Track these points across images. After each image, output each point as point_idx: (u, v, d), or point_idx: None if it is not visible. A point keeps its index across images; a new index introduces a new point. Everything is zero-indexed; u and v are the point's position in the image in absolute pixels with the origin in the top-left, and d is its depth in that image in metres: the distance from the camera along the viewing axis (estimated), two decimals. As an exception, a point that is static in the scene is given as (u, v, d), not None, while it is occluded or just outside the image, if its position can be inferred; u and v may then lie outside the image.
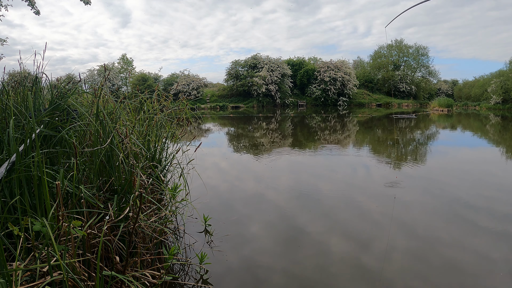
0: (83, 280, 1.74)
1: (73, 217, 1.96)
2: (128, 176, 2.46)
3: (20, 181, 1.92)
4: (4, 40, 11.44)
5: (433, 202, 4.44)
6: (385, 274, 2.67)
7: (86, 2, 9.22)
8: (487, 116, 24.46)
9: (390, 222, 3.74)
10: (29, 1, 8.87)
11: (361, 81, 44.73)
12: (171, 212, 3.03)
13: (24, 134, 2.25)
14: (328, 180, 5.81)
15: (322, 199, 4.61)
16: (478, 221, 3.76)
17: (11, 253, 1.89)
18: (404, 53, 46.90)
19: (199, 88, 39.95)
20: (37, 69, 2.98)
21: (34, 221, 1.63)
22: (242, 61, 40.97)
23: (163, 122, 3.56)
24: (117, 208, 2.25)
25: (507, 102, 33.51)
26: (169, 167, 3.49)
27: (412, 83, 45.28)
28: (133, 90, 3.73)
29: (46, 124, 2.42)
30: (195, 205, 3.64)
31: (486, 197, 4.65)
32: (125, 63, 43.91)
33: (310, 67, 41.41)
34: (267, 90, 37.78)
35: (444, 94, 51.07)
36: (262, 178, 5.83)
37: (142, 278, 2.01)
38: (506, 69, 35.72)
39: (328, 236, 3.42)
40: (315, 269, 2.76)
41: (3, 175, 1.75)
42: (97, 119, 2.45)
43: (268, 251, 3.09)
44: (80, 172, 2.40)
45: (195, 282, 2.55)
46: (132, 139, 2.66)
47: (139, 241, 2.31)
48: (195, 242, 3.22)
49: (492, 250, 3.06)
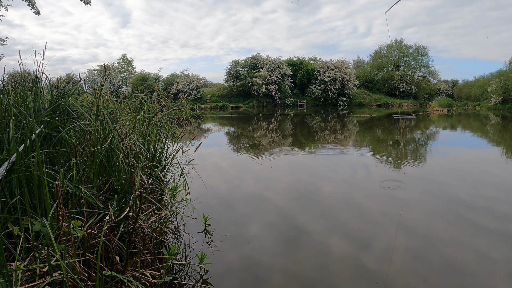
0: (83, 280, 1.74)
1: (73, 217, 1.96)
2: (128, 176, 2.46)
3: (20, 181, 1.92)
4: (4, 40, 11.44)
5: (433, 202, 4.44)
6: (385, 274, 2.67)
7: (86, 2, 9.22)
8: (487, 116, 24.46)
9: (390, 222, 3.74)
10: (29, 1, 8.87)
11: (361, 81, 44.73)
12: (171, 212, 3.03)
13: (24, 134, 2.25)
14: (328, 180, 5.81)
15: (322, 199, 4.61)
16: (478, 221, 3.75)
17: (11, 253, 1.89)
18: (404, 53, 46.88)
19: (199, 88, 39.93)
20: (37, 69, 2.98)
21: (34, 221, 1.63)
22: (242, 61, 40.99)
23: (163, 122, 3.56)
24: (117, 208, 2.25)
25: (507, 102, 33.50)
26: (169, 167, 3.49)
27: (412, 83, 45.28)
28: (133, 90, 3.73)
29: (46, 124, 2.42)
30: (195, 205, 3.64)
31: (486, 197, 4.65)
32: (125, 63, 43.91)
33: (310, 67, 41.41)
34: (267, 90, 37.78)
35: (444, 94, 51.08)
36: (262, 178, 5.83)
37: (142, 278, 2.02)
38: (506, 69, 35.72)
39: (328, 236, 3.42)
40: (315, 268, 2.76)
41: (3, 175, 1.75)
42: (97, 119, 2.45)
43: (268, 251, 3.09)
44: (80, 172, 2.40)
45: (195, 282, 2.55)
46: (132, 139, 2.66)
47: (139, 241, 2.31)
48: (195, 242, 3.22)
49: (492, 250, 3.06)
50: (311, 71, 41.00)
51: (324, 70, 40.03)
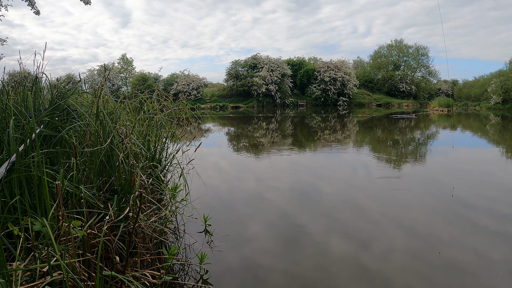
0: (83, 280, 1.74)
1: (73, 217, 1.96)
2: (128, 176, 2.46)
3: (20, 181, 1.92)
4: (4, 40, 11.44)
5: (433, 201, 4.43)
6: (385, 274, 2.67)
7: (86, 2, 9.21)
8: (487, 116, 24.45)
9: (390, 222, 3.73)
10: (29, 1, 8.87)
11: (361, 81, 44.71)
12: (171, 212, 3.03)
13: (24, 134, 2.25)
14: (328, 180, 5.80)
15: (322, 199, 4.61)
16: (478, 221, 3.75)
17: (11, 253, 1.89)
18: (404, 53, 46.88)
19: (199, 88, 39.92)
20: (37, 69, 2.98)
21: (34, 221, 1.63)
22: (242, 61, 40.97)
23: (163, 122, 3.56)
24: (117, 208, 2.25)
25: (507, 102, 33.48)
26: (169, 167, 3.49)
27: (412, 83, 45.26)
28: (133, 90, 3.73)
29: (46, 124, 2.42)
30: (195, 205, 3.64)
31: (486, 197, 4.65)
32: (125, 63, 43.92)
33: (310, 67, 41.39)
34: (267, 90, 37.77)
35: (444, 94, 51.02)
36: (262, 178, 5.83)
37: (142, 278, 2.02)
38: (506, 69, 35.69)
39: (328, 236, 3.42)
40: (315, 268, 2.76)
41: (3, 175, 1.75)
42: (97, 119, 2.45)
43: (268, 251, 3.09)
44: (80, 172, 2.40)
45: (195, 282, 2.55)
46: (132, 139, 2.66)
47: (139, 241, 2.31)
48: (195, 242, 3.22)
49: (492, 250, 3.06)
50: (311, 71, 40.99)
51: (324, 70, 40.01)
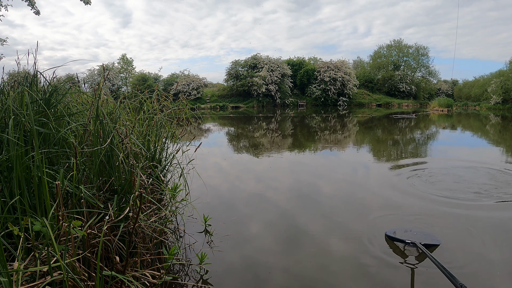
0: (83, 280, 1.73)
1: (73, 217, 1.95)
2: (128, 176, 2.46)
3: (20, 181, 1.92)
4: (4, 40, 11.44)
5: (433, 201, 4.43)
6: (385, 273, 2.67)
7: (86, 2, 9.21)
8: (487, 116, 24.45)
9: (391, 222, 3.73)
10: (29, 1, 8.87)
11: (361, 81, 44.69)
12: (171, 212, 3.03)
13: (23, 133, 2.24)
14: (328, 179, 5.80)
15: (322, 198, 4.61)
16: (478, 220, 3.75)
17: (11, 253, 1.89)
18: (404, 53, 46.86)
19: (199, 88, 39.88)
20: (34, 68, 2.97)
21: (34, 221, 1.63)
22: (242, 61, 40.95)
23: (163, 122, 3.56)
24: (117, 208, 2.25)
25: (507, 102, 33.48)
26: (169, 167, 3.49)
27: (412, 83, 45.25)
28: (133, 90, 3.73)
29: (43, 124, 2.42)
30: (195, 205, 3.64)
31: (486, 197, 4.64)
32: (125, 63, 43.89)
33: (310, 67, 41.37)
34: (267, 90, 37.75)
35: (444, 94, 51.02)
36: (262, 178, 5.83)
37: (142, 278, 2.01)
38: (506, 69, 35.68)
39: (328, 235, 3.42)
40: (315, 268, 2.76)
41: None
42: (97, 119, 2.45)
43: (269, 251, 3.09)
44: (80, 172, 2.39)
45: (195, 282, 2.54)
46: (132, 139, 2.66)
47: (139, 241, 2.31)
48: (195, 242, 3.22)
49: (492, 250, 3.06)
50: (311, 71, 40.97)
51: (324, 70, 39.99)
